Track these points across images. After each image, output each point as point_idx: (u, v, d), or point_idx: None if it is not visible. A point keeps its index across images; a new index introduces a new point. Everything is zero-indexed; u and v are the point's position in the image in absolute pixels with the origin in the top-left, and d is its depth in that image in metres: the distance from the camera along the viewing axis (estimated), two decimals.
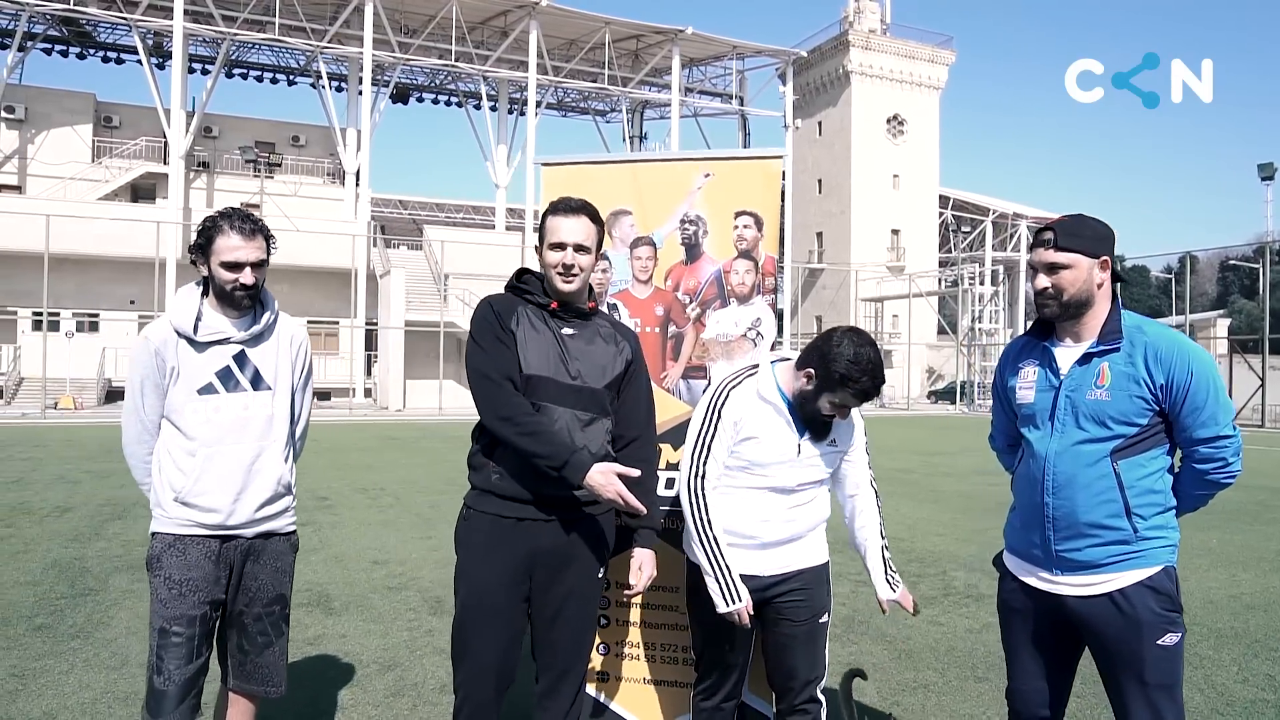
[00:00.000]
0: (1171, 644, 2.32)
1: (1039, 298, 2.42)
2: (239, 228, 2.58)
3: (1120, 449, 2.33)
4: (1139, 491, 2.32)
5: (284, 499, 2.75)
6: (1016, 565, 2.56)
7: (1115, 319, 2.37)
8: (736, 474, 2.72)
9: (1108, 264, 2.36)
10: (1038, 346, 2.49)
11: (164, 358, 2.59)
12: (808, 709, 2.82)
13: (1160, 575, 2.33)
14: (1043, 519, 2.41)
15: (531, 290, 2.75)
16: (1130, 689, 2.34)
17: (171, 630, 2.54)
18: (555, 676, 2.80)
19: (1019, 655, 2.57)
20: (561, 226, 2.67)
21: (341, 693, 4.08)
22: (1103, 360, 2.34)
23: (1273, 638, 5.13)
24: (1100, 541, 2.34)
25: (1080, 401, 2.35)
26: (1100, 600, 2.34)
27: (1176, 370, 2.28)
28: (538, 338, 2.68)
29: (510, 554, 2.67)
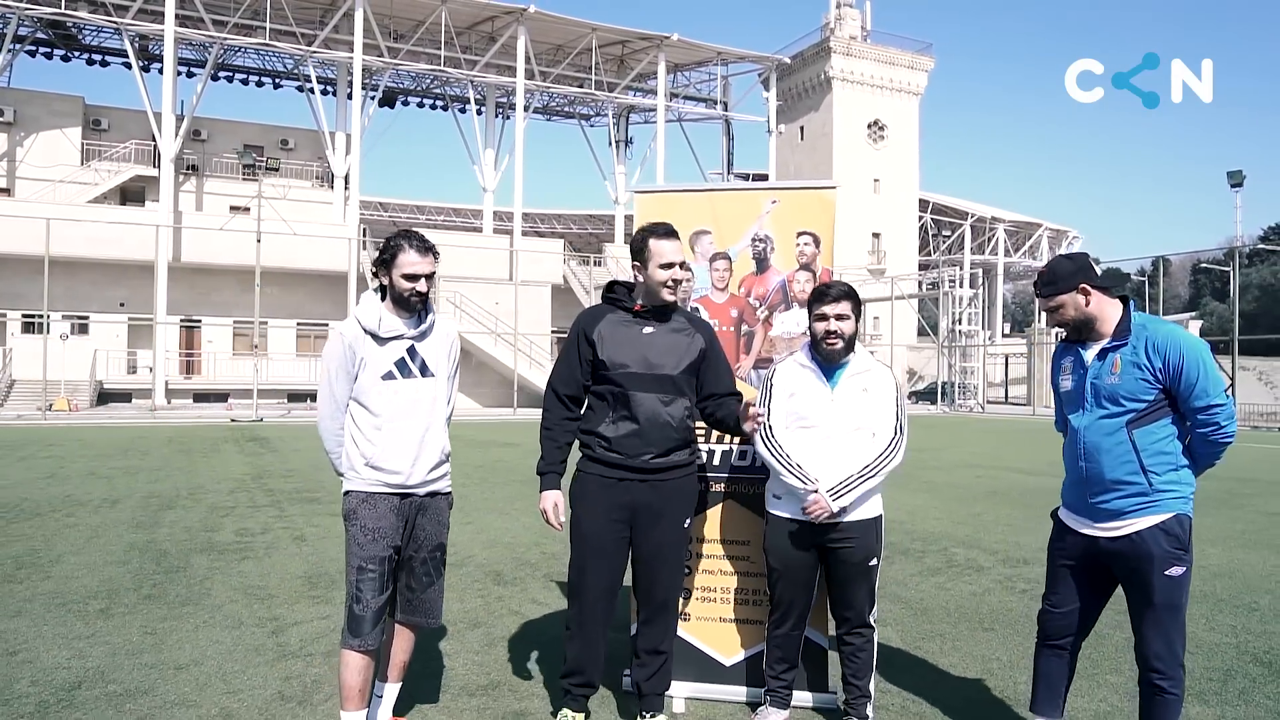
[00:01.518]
0: (1177, 575, 2.98)
1: (1058, 328, 3.21)
2: (417, 246, 3.22)
3: (1134, 420, 3.00)
4: (1151, 453, 2.98)
5: (444, 465, 3.40)
6: (1067, 516, 3.24)
7: (1126, 320, 3.06)
8: (792, 428, 3.47)
9: (1085, 289, 3.06)
10: (1072, 348, 3.20)
11: (354, 350, 3.24)
12: (862, 632, 3.54)
13: (1172, 520, 2.98)
14: (1080, 479, 3.11)
15: (620, 298, 3.51)
16: (1144, 610, 3.02)
17: (367, 568, 3.18)
18: (654, 608, 3.53)
19: (1057, 583, 3.24)
20: (666, 249, 3.43)
21: (442, 645, 4.71)
22: (1115, 353, 3.04)
23: (1236, 598, 5.86)
24: (1123, 494, 3.01)
25: (1101, 386, 3.05)
26: (1123, 540, 3.02)
27: (1170, 355, 2.94)
28: (623, 337, 3.44)
29: (615, 505, 3.40)
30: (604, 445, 3.42)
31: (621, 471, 3.41)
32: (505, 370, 35.09)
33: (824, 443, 3.42)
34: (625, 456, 3.40)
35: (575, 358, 3.46)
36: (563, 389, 3.49)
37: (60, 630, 4.86)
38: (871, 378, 3.49)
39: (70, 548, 7.10)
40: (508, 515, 8.98)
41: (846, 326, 3.43)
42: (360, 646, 3.18)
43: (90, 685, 4.02)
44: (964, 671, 4.40)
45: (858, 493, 3.38)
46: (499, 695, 4.00)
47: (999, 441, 20.73)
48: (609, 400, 3.42)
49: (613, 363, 3.40)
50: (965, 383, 44.19)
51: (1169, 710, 3.02)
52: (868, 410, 3.45)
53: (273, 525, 8.30)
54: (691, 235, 3.99)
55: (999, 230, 64.56)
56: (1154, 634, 3.01)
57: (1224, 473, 14.21)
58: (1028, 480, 12.79)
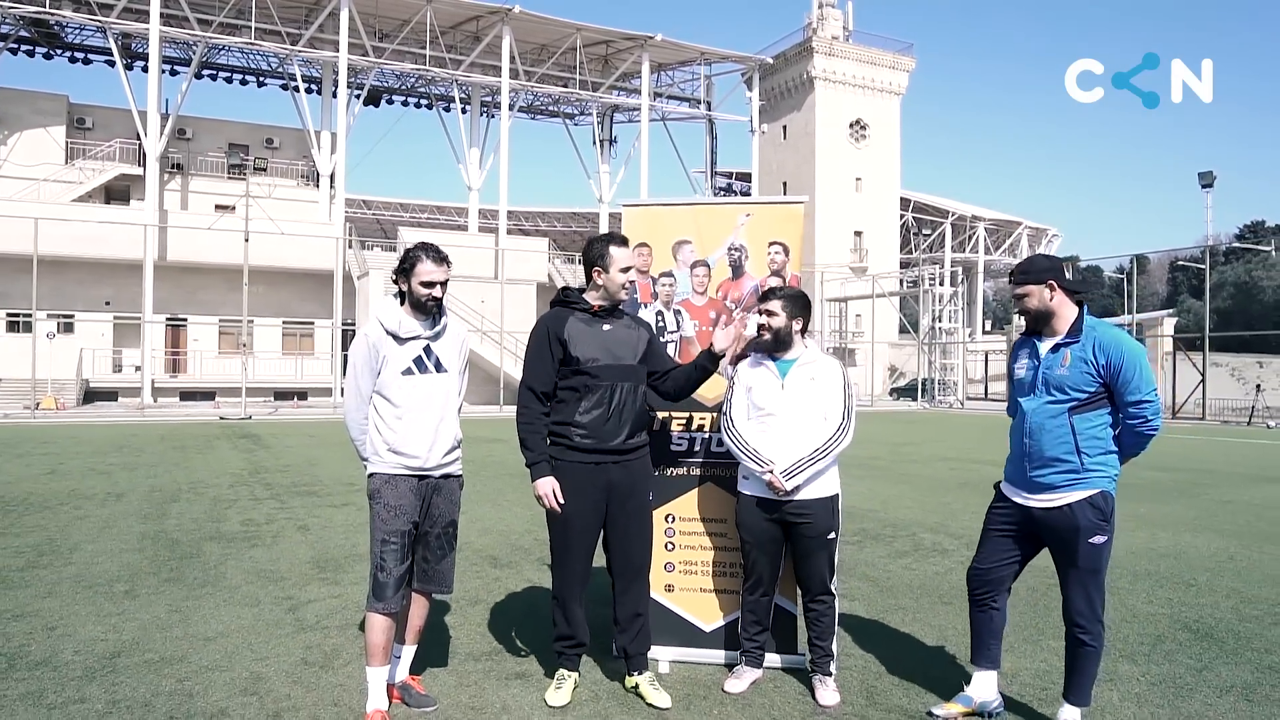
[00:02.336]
0: (1099, 543, 3.47)
1: (1020, 315, 3.70)
2: (433, 257, 3.65)
3: (1075, 408, 3.49)
4: (1086, 437, 3.48)
5: (457, 450, 3.82)
6: (1007, 489, 3.74)
7: (1079, 321, 3.55)
8: (754, 418, 3.95)
9: (1053, 285, 3.55)
10: (1029, 341, 3.70)
11: (378, 349, 3.66)
12: (824, 599, 4.01)
13: (1098, 496, 3.48)
14: (1023, 454, 3.60)
15: (577, 302, 3.98)
16: (1070, 572, 3.52)
17: (390, 540, 3.60)
18: (631, 576, 3.98)
19: (989, 544, 3.74)
20: (625, 255, 3.93)
21: (448, 618, 5.14)
22: (1066, 349, 3.53)
23: (1177, 576, 6.35)
24: (1058, 470, 3.50)
25: (1050, 377, 3.54)
26: (1055, 511, 3.51)
27: (1113, 355, 3.43)
28: (589, 334, 3.91)
29: (593, 486, 3.86)
30: (580, 433, 3.85)
31: (598, 455, 3.86)
32: (491, 368, 35.44)
33: (780, 427, 3.89)
34: (600, 440, 3.85)
35: (548, 357, 3.88)
36: (538, 386, 3.88)
37: (91, 609, 5.25)
38: (818, 368, 3.97)
39: (85, 537, 7.47)
40: (500, 506, 9.40)
41: (775, 321, 3.91)
42: (384, 609, 3.60)
43: (129, 654, 4.42)
44: (921, 638, 4.87)
45: (809, 473, 3.86)
46: (501, 660, 4.44)
47: (976, 437, 21.30)
48: (581, 391, 3.86)
49: (585, 358, 3.85)
50: (945, 379, 44.85)
51: (1090, 659, 3.53)
52: (816, 397, 3.92)
53: (276, 516, 8.69)
54: (674, 244, 4.43)
55: (979, 229, 65.39)
56: (1077, 593, 3.51)
57: (1187, 464, 14.84)
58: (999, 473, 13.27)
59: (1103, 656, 4.27)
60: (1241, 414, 30.88)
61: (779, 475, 3.83)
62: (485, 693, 4.00)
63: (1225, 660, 4.50)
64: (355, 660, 4.32)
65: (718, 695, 4.00)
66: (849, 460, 14.82)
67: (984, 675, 3.79)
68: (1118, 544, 7.35)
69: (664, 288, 4.47)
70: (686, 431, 4.40)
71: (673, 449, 4.40)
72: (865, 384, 47.00)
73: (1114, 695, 4.01)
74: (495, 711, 3.79)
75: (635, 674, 3.98)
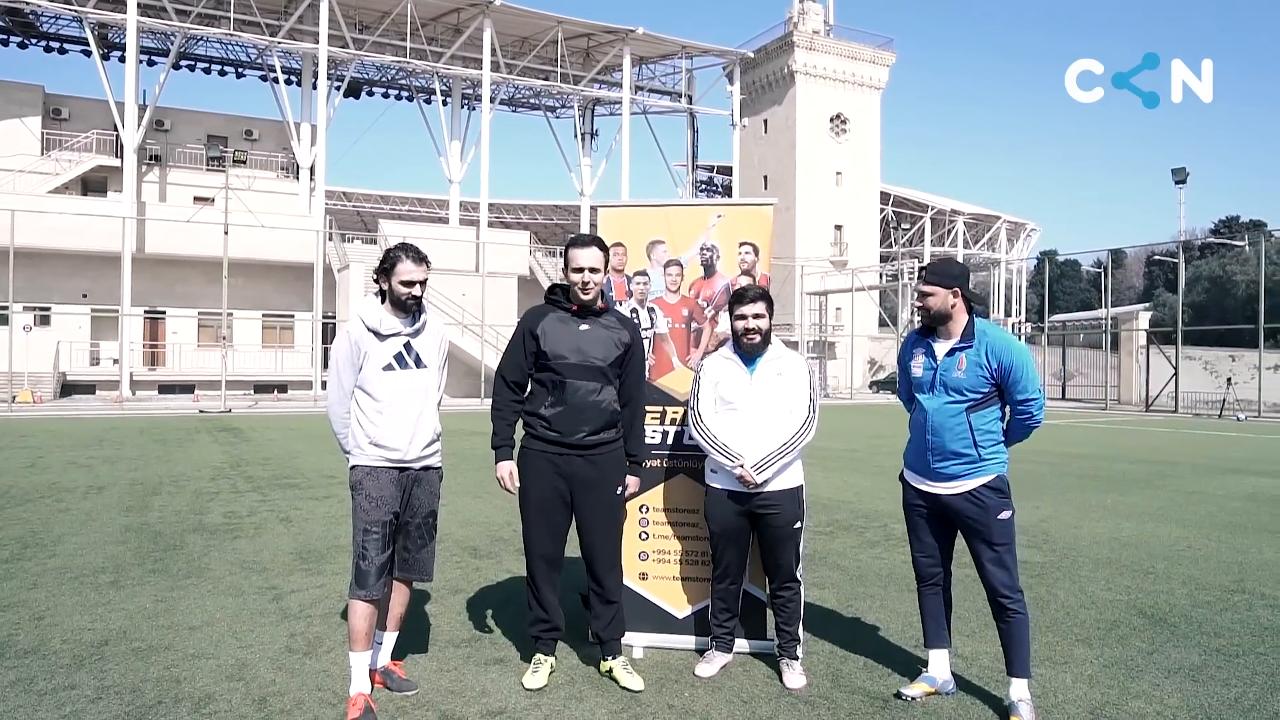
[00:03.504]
0: (1006, 517, 3.77)
1: (918, 310, 3.95)
2: (413, 257, 3.78)
3: (971, 407, 3.79)
4: (982, 433, 3.79)
5: (436, 443, 3.96)
6: (912, 477, 3.99)
7: (970, 326, 3.84)
8: (721, 412, 4.10)
9: (958, 293, 3.81)
10: (924, 340, 3.96)
11: (360, 345, 3.79)
12: (790, 585, 4.18)
13: (996, 479, 3.79)
14: (926, 449, 3.86)
15: (559, 300, 4.14)
16: (984, 550, 3.79)
17: (372, 530, 3.73)
18: (601, 565, 4.15)
19: (916, 535, 4.01)
20: (579, 256, 4.07)
21: (428, 607, 5.27)
22: (961, 353, 3.81)
23: (1137, 564, 6.57)
24: (959, 462, 3.80)
25: (948, 379, 3.82)
26: (960, 497, 3.80)
27: (1004, 359, 3.74)
28: (562, 332, 4.08)
29: (555, 475, 4.03)
30: (544, 425, 4.04)
31: (559, 447, 4.04)
32: (472, 361, 35.47)
33: (747, 421, 4.04)
34: (562, 434, 4.02)
35: (521, 350, 4.09)
36: (509, 375, 4.11)
37: (77, 599, 5.35)
38: (785, 363, 4.13)
39: (68, 530, 7.54)
40: (480, 498, 9.52)
41: (762, 324, 4.06)
42: (366, 596, 3.73)
43: (116, 643, 4.53)
44: (886, 624, 5.05)
45: (778, 466, 4.01)
46: (480, 647, 4.58)
47: None
48: (548, 386, 4.04)
49: (553, 354, 4.02)
50: None
51: (1021, 626, 3.79)
52: (782, 391, 4.07)
53: (258, 508, 8.78)
54: (648, 244, 4.58)
55: (958, 223, 65.88)
56: (996, 568, 3.78)
57: (1154, 456, 15.16)
58: None
59: (1058, 640, 4.49)
60: (1213, 407, 31.38)
61: (750, 469, 3.97)
62: (465, 677, 4.14)
63: (1175, 644, 4.70)
64: (338, 647, 4.45)
65: (689, 679, 4.15)
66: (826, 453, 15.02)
67: (939, 654, 4.01)
68: (1081, 532, 7.64)
69: (639, 286, 4.61)
70: (659, 425, 4.55)
71: (646, 442, 4.54)
72: (845, 377, 47.36)
73: (1067, 677, 4.19)
74: (474, 695, 3.93)
75: (609, 659, 4.13)
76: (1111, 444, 17.71)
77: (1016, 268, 69.75)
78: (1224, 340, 45.14)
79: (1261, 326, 31.11)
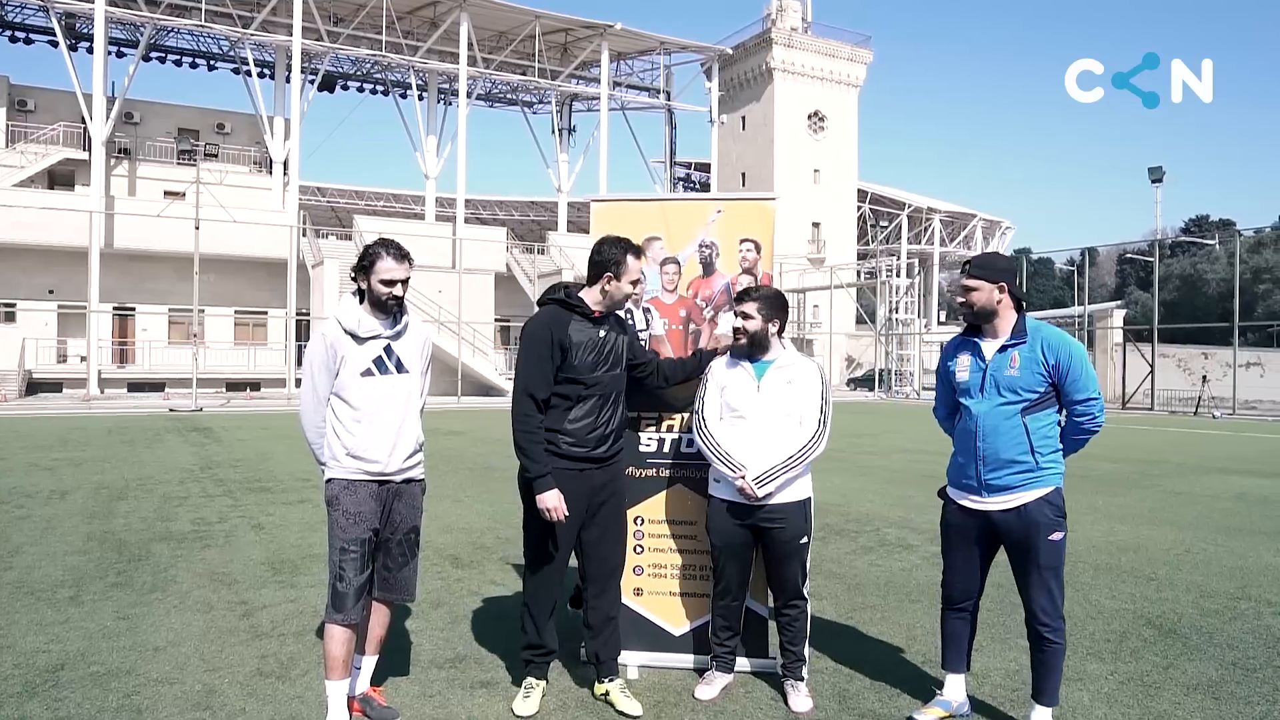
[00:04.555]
0: (1058, 539, 3.48)
1: (961, 308, 3.65)
2: (394, 254, 3.50)
3: (1027, 409, 3.49)
4: (1039, 437, 3.49)
5: (419, 453, 3.69)
6: (955, 493, 3.69)
7: (1021, 322, 3.56)
8: (727, 419, 3.85)
9: (1004, 288, 3.53)
10: (969, 342, 3.66)
11: (336, 349, 3.51)
12: (796, 604, 3.94)
13: (1053, 493, 3.50)
14: (976, 458, 3.55)
15: (578, 304, 3.83)
16: (1030, 571, 3.50)
17: (350, 548, 3.46)
18: (605, 579, 3.92)
19: (953, 556, 3.72)
20: (639, 268, 3.85)
21: (409, 623, 5.00)
22: (1014, 350, 3.52)
23: (1138, 570, 6.41)
24: (1014, 471, 3.49)
25: (1000, 378, 3.52)
26: (1012, 512, 3.50)
27: (1061, 355, 3.47)
28: (588, 341, 3.80)
29: (576, 493, 3.75)
30: (569, 440, 3.75)
31: (583, 463, 3.78)
32: (449, 359, 35.02)
33: (753, 431, 3.79)
34: (588, 449, 3.77)
35: (550, 363, 3.71)
36: (541, 394, 3.69)
37: (33, 617, 5.03)
38: (796, 371, 3.87)
39: (27, 539, 7.19)
40: (460, 502, 9.24)
41: (751, 325, 3.80)
42: (344, 620, 3.46)
43: (73, 667, 4.22)
44: (890, 638, 4.83)
45: (781, 480, 3.76)
46: (465, 667, 4.31)
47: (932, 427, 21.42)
48: (573, 399, 3.75)
49: (584, 366, 3.74)
50: (902, 370, 45.30)
51: (1057, 657, 3.53)
52: (792, 400, 3.82)
53: (229, 514, 8.45)
54: (644, 241, 4.31)
55: (935, 220, 66.07)
56: (1039, 592, 3.49)
57: (1137, 455, 15.09)
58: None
59: (1070, 654, 4.29)
60: (1188, 404, 31.56)
61: (750, 482, 3.74)
62: (450, 703, 3.87)
63: (1190, 657, 4.52)
64: (313, 669, 4.17)
65: (689, 702, 3.91)
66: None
67: (956, 679, 3.77)
68: (1077, 536, 7.46)
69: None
70: (656, 431, 4.30)
71: (641, 449, 4.30)
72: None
73: (1084, 695, 4.00)
74: None
75: (605, 680, 3.88)
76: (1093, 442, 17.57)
77: None
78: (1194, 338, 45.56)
79: (1236, 324, 31.30)
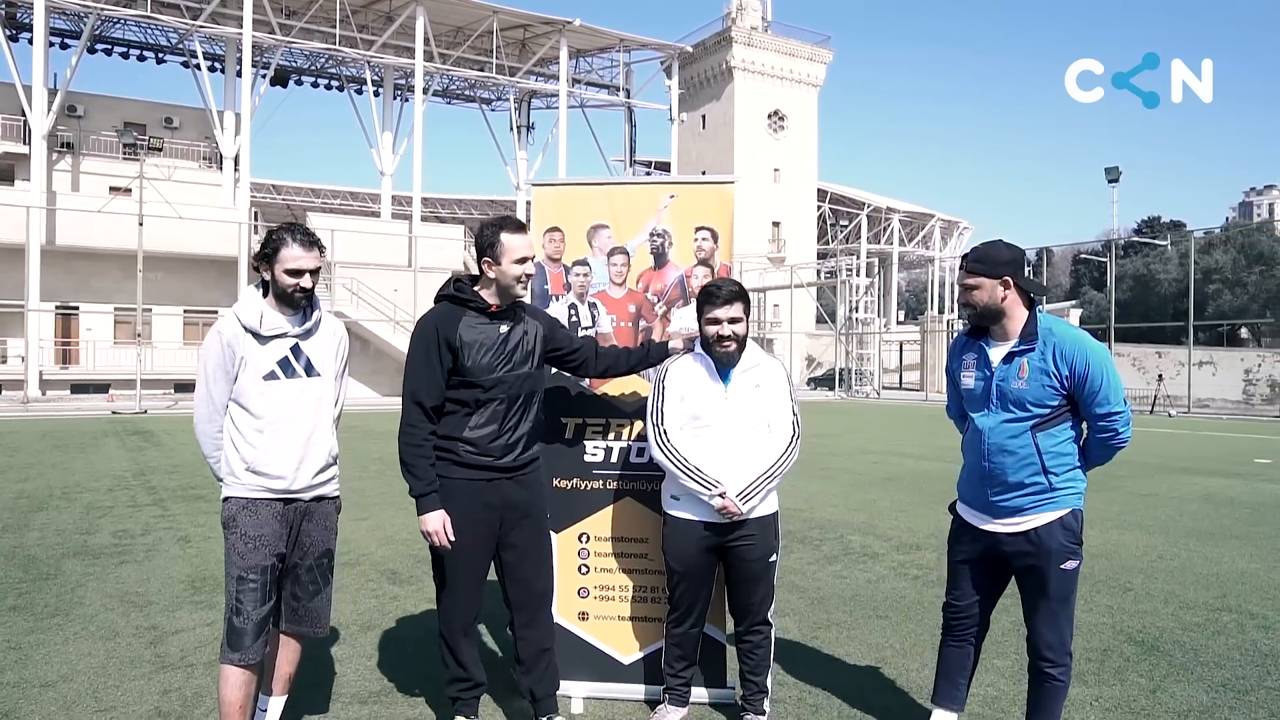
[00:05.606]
0: (1072, 568, 3.08)
1: (963, 309, 3.21)
2: (301, 240, 3.06)
3: (1038, 425, 3.05)
4: (1053, 455, 3.05)
5: (332, 468, 3.25)
6: (965, 510, 3.30)
7: (1032, 323, 3.07)
8: (689, 428, 3.40)
9: (1009, 282, 3.07)
10: (975, 344, 3.22)
11: (234, 349, 3.06)
12: (760, 629, 3.55)
13: (1068, 516, 3.08)
14: (982, 476, 3.15)
15: (471, 298, 3.37)
16: (1039, 602, 3.10)
17: (248, 578, 3.02)
18: (533, 606, 3.47)
19: (959, 577, 3.31)
20: (522, 244, 3.33)
21: (333, 649, 4.55)
22: (1022, 358, 3.07)
23: (1112, 579, 6.14)
24: (1024, 493, 3.08)
25: (1007, 390, 3.08)
26: (1023, 536, 3.09)
27: (1078, 364, 2.99)
28: (485, 339, 3.32)
29: (483, 506, 3.33)
30: (470, 450, 3.31)
31: (490, 472, 3.34)
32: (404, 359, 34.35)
33: (721, 442, 3.37)
34: (493, 458, 3.33)
35: (438, 366, 3.27)
36: (430, 401, 3.28)
37: None
38: (763, 372, 3.46)
39: None
40: (406, 510, 8.76)
41: (740, 329, 3.38)
42: (241, 661, 3.02)
43: None
44: (859, 660, 4.48)
45: (764, 493, 3.36)
46: (391, 703, 3.89)
47: (894, 427, 21.32)
48: (472, 405, 3.31)
49: (479, 367, 3.28)
50: (862, 369, 45.32)
51: (1056, 696, 3.15)
52: (762, 406, 3.42)
53: (154, 526, 7.91)
54: (589, 229, 3.92)
55: (894, 220, 66.39)
56: (1047, 625, 3.10)
57: None
58: (920, 465, 13.19)
59: None
60: (1144, 403, 31.79)
61: (734, 499, 3.32)
62: None
63: (1177, 678, 4.22)
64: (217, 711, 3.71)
65: None
66: None
67: (946, 716, 3.38)
68: None
69: (578, 278, 3.94)
70: (602, 439, 3.90)
71: (587, 459, 3.90)
72: None
73: None
74: None
75: (545, 718, 3.48)
76: None
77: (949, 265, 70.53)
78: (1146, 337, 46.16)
79: (1192, 324, 31.65)
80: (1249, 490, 10.62)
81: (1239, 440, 18.61)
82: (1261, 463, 13.89)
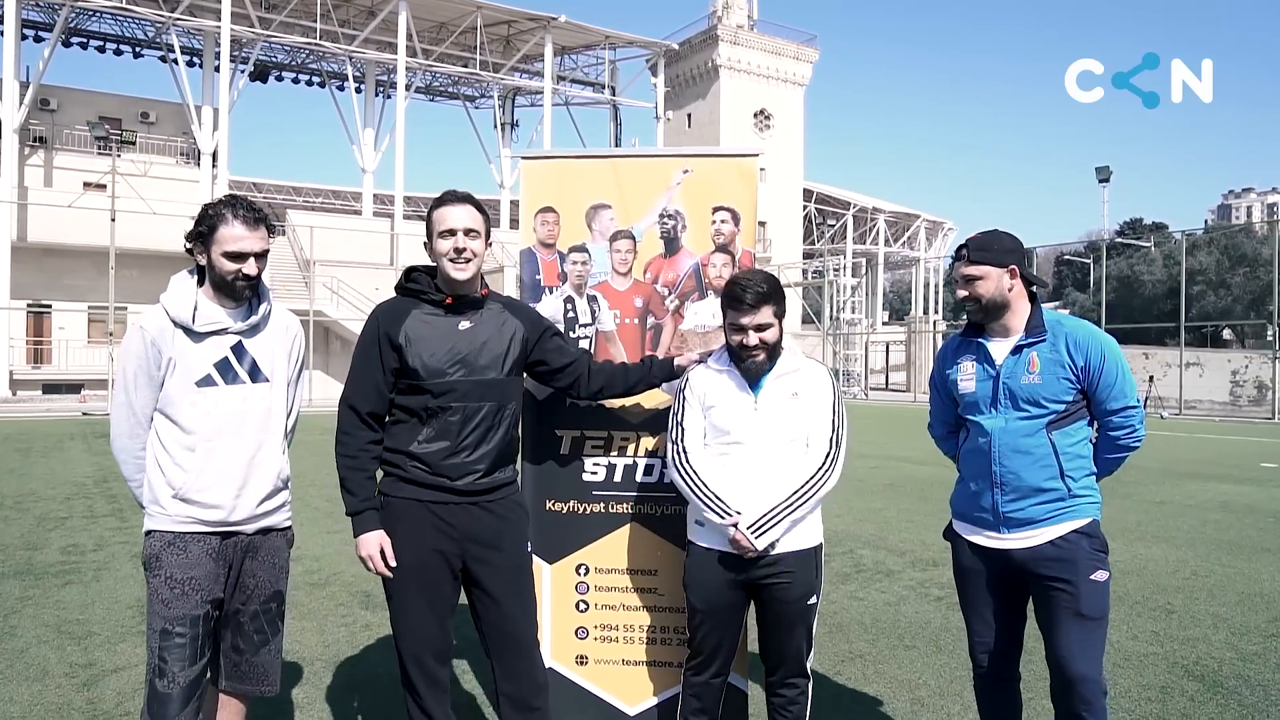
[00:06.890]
0: (1102, 580, 2.66)
1: (964, 304, 2.81)
2: (243, 217, 2.51)
3: (1053, 422, 2.71)
4: (1070, 457, 2.71)
5: (282, 493, 2.70)
6: (965, 529, 2.87)
7: (1038, 315, 2.77)
8: (714, 445, 2.88)
9: (1015, 272, 2.73)
10: (972, 344, 2.84)
11: (160, 348, 2.51)
12: (796, 683, 3.00)
13: (1090, 525, 2.71)
14: (991, 484, 2.74)
15: (424, 289, 2.84)
16: (1066, 623, 2.64)
17: (175, 631, 2.46)
18: (515, 653, 2.88)
19: (976, 612, 2.87)
20: (449, 215, 2.79)
21: (295, 692, 3.99)
22: (1032, 350, 2.72)
23: (1149, 599, 5.66)
24: (1041, 500, 2.70)
25: (1016, 387, 2.72)
26: (1041, 548, 2.68)
27: (1092, 354, 2.69)
28: (434, 336, 2.77)
29: (438, 530, 2.76)
30: (418, 466, 2.75)
31: (441, 494, 2.76)
32: None
33: (750, 461, 2.82)
34: (447, 479, 2.76)
35: (378, 367, 2.76)
36: (365, 407, 2.76)
37: None
38: (802, 378, 2.92)
39: None
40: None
41: (770, 335, 2.84)
42: None
43: None
44: (892, 700, 3.97)
45: (785, 524, 2.80)
46: None
47: (885, 429, 20.87)
48: (420, 414, 2.75)
49: (427, 370, 2.72)
50: (849, 370, 44.95)
51: None
52: (799, 418, 2.87)
53: (109, 540, 7.31)
54: (589, 210, 3.36)
55: (880, 220, 66.16)
56: (1077, 652, 2.63)
57: None
58: (921, 471, 12.70)
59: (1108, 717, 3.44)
60: None
61: (746, 531, 2.78)
62: None
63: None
64: None
65: None
66: None
67: None
68: None
69: (575, 267, 3.39)
70: (604, 456, 3.36)
71: (586, 479, 3.36)
72: None
73: None
74: None
75: None
76: None
77: (934, 266, 70.37)
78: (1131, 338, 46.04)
79: (1183, 324, 31.45)
80: (1266, 497, 10.21)
81: (1236, 443, 18.31)
82: (1269, 467, 13.52)
